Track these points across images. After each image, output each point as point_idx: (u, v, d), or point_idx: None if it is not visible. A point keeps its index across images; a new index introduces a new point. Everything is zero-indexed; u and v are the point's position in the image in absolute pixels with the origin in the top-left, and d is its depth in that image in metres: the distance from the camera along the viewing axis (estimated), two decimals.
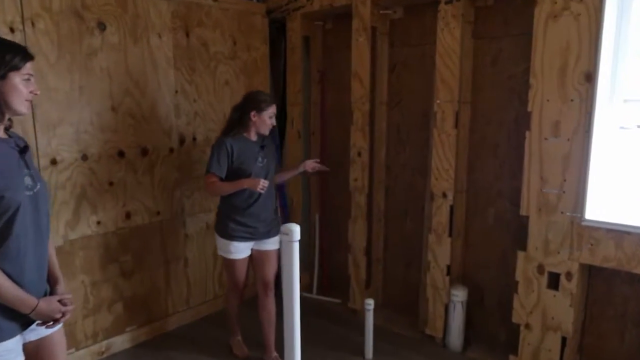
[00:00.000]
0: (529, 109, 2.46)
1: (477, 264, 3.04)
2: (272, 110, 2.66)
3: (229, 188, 2.61)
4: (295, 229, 1.80)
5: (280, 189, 3.64)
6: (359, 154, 3.24)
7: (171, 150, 3.02)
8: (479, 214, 3.00)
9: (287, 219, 3.69)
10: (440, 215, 2.89)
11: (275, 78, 3.74)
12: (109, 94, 2.68)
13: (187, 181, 3.13)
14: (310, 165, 2.95)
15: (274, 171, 2.84)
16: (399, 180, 3.36)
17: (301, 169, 2.96)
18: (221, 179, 2.64)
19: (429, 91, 3.11)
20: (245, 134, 2.69)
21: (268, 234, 2.78)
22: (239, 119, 2.68)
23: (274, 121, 2.68)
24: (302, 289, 3.79)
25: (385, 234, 3.47)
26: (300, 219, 3.74)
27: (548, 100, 2.40)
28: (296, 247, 1.80)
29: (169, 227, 3.07)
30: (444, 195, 2.85)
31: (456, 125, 2.78)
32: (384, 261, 3.50)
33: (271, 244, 2.81)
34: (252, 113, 2.63)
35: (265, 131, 2.69)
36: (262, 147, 2.75)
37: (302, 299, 1.96)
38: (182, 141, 3.08)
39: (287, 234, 1.78)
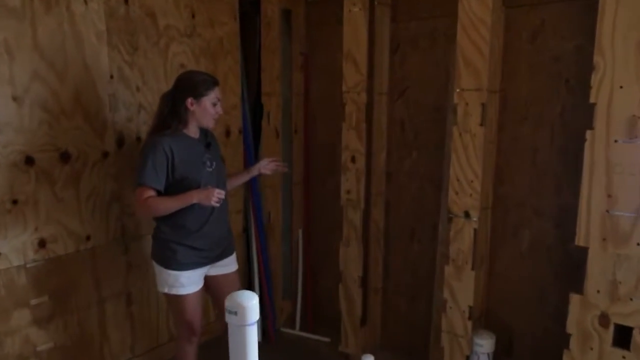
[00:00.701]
0: (593, 100, 1.77)
1: (504, 301, 2.35)
2: (214, 94, 2.03)
3: (172, 205, 1.95)
4: (249, 303, 1.05)
5: (252, 185, 2.90)
6: (353, 159, 2.53)
7: (105, 154, 2.28)
8: (509, 238, 2.31)
9: (261, 231, 2.97)
10: (460, 241, 2.18)
11: (250, 62, 3.01)
12: (8, 79, 1.93)
13: (130, 194, 2.39)
14: (267, 166, 2.34)
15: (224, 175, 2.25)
16: (404, 193, 2.66)
17: (255, 172, 2.35)
18: (159, 193, 1.95)
19: (443, 78, 2.41)
20: (184, 131, 2.03)
21: (223, 254, 2.19)
22: (172, 111, 2.01)
23: (219, 109, 2.06)
24: (283, 323, 3.08)
25: (385, 259, 2.76)
26: (279, 238, 3.02)
27: (621, 87, 1.71)
28: (252, 333, 1.07)
29: (104, 256, 2.34)
30: (467, 214, 2.15)
31: (482, 122, 2.07)
32: (384, 292, 2.79)
33: (230, 265, 2.24)
34: (189, 100, 1.99)
35: (210, 123, 2.06)
36: (208, 145, 2.10)
37: (283, 336, 1.27)
38: (120, 142, 2.34)
39: (234, 313, 1.04)
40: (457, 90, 2.10)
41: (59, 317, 2.20)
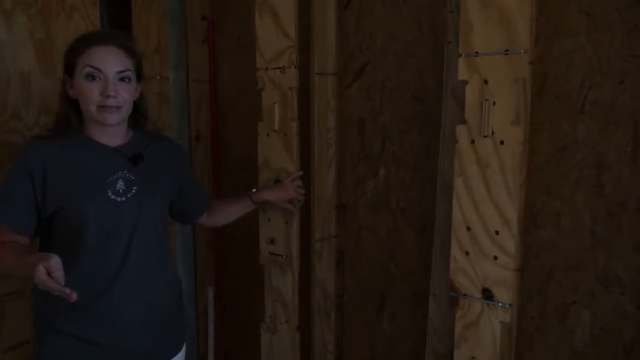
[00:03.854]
0: None
1: None
2: (87, 57, 1.10)
3: (10, 263, 1.11)
4: None
5: None
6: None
7: None
8: (553, 325, 1.31)
9: None
10: (475, 342, 1.15)
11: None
12: None
13: None
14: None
15: (194, 208, 1.41)
16: (367, 237, 1.62)
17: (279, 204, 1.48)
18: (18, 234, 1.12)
19: (430, 44, 1.39)
20: (87, 133, 1.17)
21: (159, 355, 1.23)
22: (59, 101, 1.19)
23: (108, 85, 1.10)
24: None
25: (339, 346, 1.71)
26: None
27: None
28: None
29: None
30: (488, 295, 1.12)
31: (518, 119, 1.06)
32: None
33: None
34: (66, 80, 1.16)
35: (103, 118, 1.12)
36: (135, 158, 1.17)
37: None
38: None
39: None
40: (463, 55, 1.07)
41: None
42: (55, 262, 0.93)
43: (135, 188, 1.16)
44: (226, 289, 2.00)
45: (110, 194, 1.12)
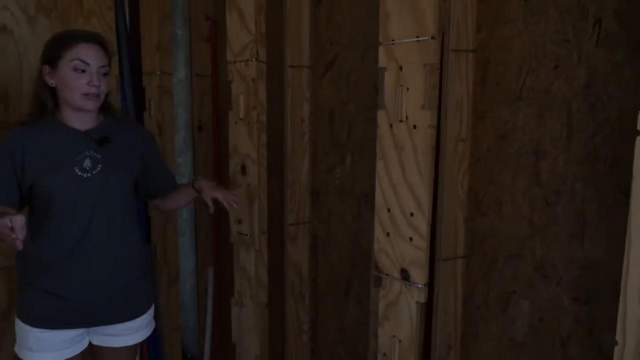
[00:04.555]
0: None
1: None
2: (74, 53, 1.27)
3: None
4: None
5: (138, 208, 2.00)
6: (243, 170, 1.58)
7: None
8: (496, 314, 1.30)
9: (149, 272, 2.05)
10: (395, 321, 1.19)
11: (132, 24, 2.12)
12: None
13: None
14: (219, 191, 1.50)
15: (156, 188, 1.53)
16: (336, 223, 1.69)
17: (201, 189, 1.50)
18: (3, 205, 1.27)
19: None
20: (58, 117, 1.35)
21: (114, 316, 1.39)
22: (36, 88, 1.36)
23: (92, 77, 1.28)
24: None
25: (313, 326, 1.79)
26: (174, 282, 2.10)
27: None
28: None
29: None
30: (405, 275, 1.15)
31: (427, 103, 1.08)
32: None
33: (125, 336, 1.43)
34: (45, 70, 1.31)
35: (80, 102, 1.29)
36: (103, 140, 1.36)
37: None
38: None
39: None
40: (382, 43, 1.12)
41: None
42: (18, 218, 1.11)
43: (100, 166, 1.32)
44: (226, 270, 2.15)
45: (77, 170, 1.30)
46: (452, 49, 1.23)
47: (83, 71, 1.27)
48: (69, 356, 1.36)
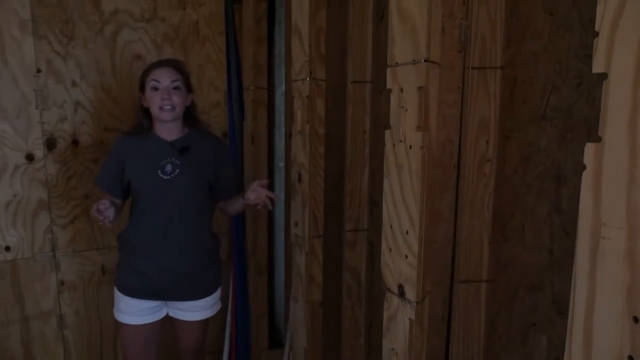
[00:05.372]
0: None
1: None
2: (152, 76, 1.61)
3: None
4: None
5: (236, 222, 2.33)
6: (299, 178, 1.74)
7: (30, 157, 2.04)
8: (516, 345, 1.22)
9: (240, 261, 2.35)
10: (393, 334, 1.22)
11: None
12: None
13: (62, 203, 2.10)
14: (256, 192, 1.64)
15: (222, 192, 1.77)
16: None
17: (250, 196, 1.67)
18: (110, 195, 1.70)
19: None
20: (154, 131, 1.69)
21: (185, 295, 1.70)
22: (137, 110, 1.74)
23: (164, 94, 1.59)
24: None
25: (369, 330, 1.86)
26: (260, 271, 2.36)
27: None
28: None
29: (28, 270, 2.09)
30: (401, 292, 1.18)
31: (423, 123, 1.09)
32: None
33: (195, 312, 1.73)
34: (140, 95, 1.69)
35: (160, 115, 1.62)
36: (183, 149, 1.64)
37: None
38: (51, 145, 2.07)
39: None
40: (390, 66, 1.16)
41: None
42: (101, 203, 1.46)
43: (177, 170, 1.62)
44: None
45: (160, 173, 1.62)
46: (475, 66, 1.21)
47: (158, 89, 1.57)
48: (149, 322, 1.69)
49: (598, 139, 0.70)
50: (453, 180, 1.30)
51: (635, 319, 0.67)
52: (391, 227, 1.20)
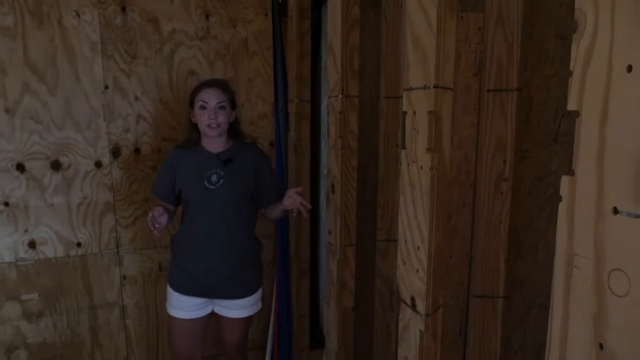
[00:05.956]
0: None
1: None
2: (199, 96, 1.78)
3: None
4: None
5: (280, 227, 2.47)
6: (332, 189, 1.83)
7: (98, 164, 2.29)
8: None
9: (284, 262, 2.48)
10: (407, 344, 1.28)
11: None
12: (0, 92, 2.12)
13: (125, 206, 2.34)
14: (292, 199, 1.80)
15: (262, 199, 1.92)
16: None
17: (286, 203, 1.83)
18: (164, 201, 1.91)
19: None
20: (202, 143, 1.87)
21: (228, 293, 1.87)
22: (186, 124, 1.93)
23: (211, 113, 1.76)
24: None
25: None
26: (302, 273, 2.48)
27: None
28: None
29: (96, 265, 2.35)
30: (413, 304, 1.24)
31: (433, 144, 1.14)
32: None
33: (237, 310, 1.90)
34: (189, 111, 1.88)
35: (207, 132, 1.79)
36: (227, 161, 1.82)
37: None
38: (116, 153, 2.31)
39: None
40: (405, 89, 1.22)
41: (49, 316, 2.32)
42: (156, 210, 1.64)
43: (222, 180, 1.77)
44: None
45: (206, 183, 1.78)
46: (490, 89, 1.24)
47: (205, 108, 1.73)
48: (197, 317, 1.86)
49: (572, 173, 0.74)
50: (470, 198, 1.33)
51: (601, 346, 0.70)
52: (405, 242, 1.26)
